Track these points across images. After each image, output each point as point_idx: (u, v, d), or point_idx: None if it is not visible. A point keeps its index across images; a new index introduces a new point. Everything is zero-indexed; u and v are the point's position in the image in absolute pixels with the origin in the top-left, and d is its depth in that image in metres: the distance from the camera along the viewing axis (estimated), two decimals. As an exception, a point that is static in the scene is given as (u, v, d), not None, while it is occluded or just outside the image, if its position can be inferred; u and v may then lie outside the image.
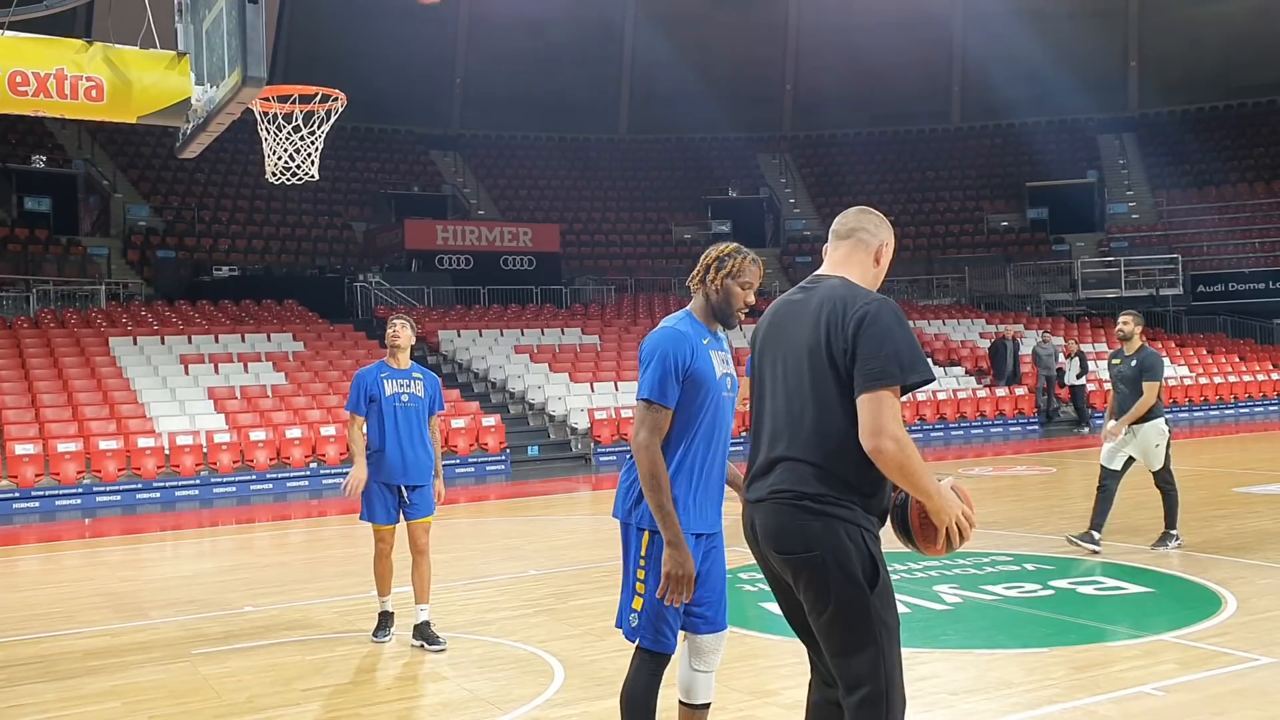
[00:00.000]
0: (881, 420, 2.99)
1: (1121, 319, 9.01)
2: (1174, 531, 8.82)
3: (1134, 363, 8.64)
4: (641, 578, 3.78)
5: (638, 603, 3.79)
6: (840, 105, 38.26)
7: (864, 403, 3.03)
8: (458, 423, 18.16)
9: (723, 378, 3.85)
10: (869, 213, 3.46)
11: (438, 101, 37.18)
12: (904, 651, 3.58)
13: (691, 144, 38.02)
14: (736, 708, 5.21)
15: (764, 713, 5.09)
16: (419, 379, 6.76)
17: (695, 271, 3.98)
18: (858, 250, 3.38)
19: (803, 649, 3.44)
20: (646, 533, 3.78)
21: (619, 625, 3.94)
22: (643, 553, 3.79)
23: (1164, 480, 8.85)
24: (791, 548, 3.14)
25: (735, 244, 4.00)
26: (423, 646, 6.49)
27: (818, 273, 3.40)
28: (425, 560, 6.62)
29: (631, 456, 3.80)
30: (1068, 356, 23.35)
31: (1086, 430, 22.29)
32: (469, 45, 37.48)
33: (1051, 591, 7.47)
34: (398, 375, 6.71)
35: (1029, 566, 8.30)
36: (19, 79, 4.93)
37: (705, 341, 3.85)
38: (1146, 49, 38.65)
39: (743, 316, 4.01)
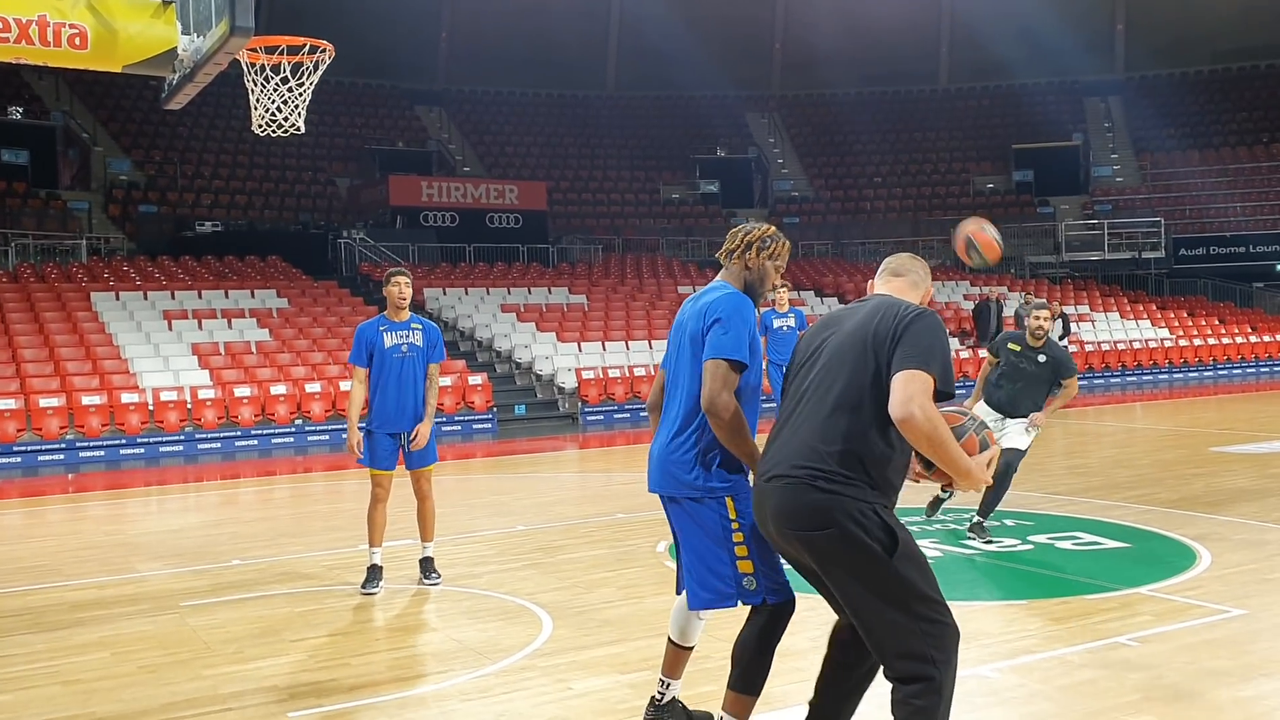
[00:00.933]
0: (912, 392, 3.16)
1: (1044, 314, 8.48)
2: (985, 523, 7.83)
3: (1042, 359, 8.26)
4: (740, 540, 3.76)
5: (747, 565, 3.75)
6: (830, 64, 38.06)
7: (899, 379, 3.20)
8: (444, 381, 18.17)
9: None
10: (920, 260, 3.79)
11: (423, 56, 36.82)
12: None
13: (680, 101, 37.81)
14: (722, 657, 5.26)
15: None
16: (418, 329, 6.99)
17: (733, 246, 4.02)
18: (910, 290, 3.67)
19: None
20: (728, 497, 3.79)
21: (712, 604, 3.87)
22: (732, 515, 3.78)
23: (1011, 467, 8.20)
24: (805, 526, 3.29)
25: (773, 227, 4.07)
26: (421, 580, 6.96)
27: (875, 293, 3.66)
28: (429, 504, 7.04)
29: (690, 424, 3.82)
30: (1052, 318, 23.36)
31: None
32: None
33: (1031, 546, 7.57)
34: (397, 328, 6.94)
35: (1009, 522, 8.40)
36: (0, 25, 4.88)
37: None
38: (1134, 12, 38.55)
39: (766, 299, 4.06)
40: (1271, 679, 4.77)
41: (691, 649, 4.12)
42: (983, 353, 23.61)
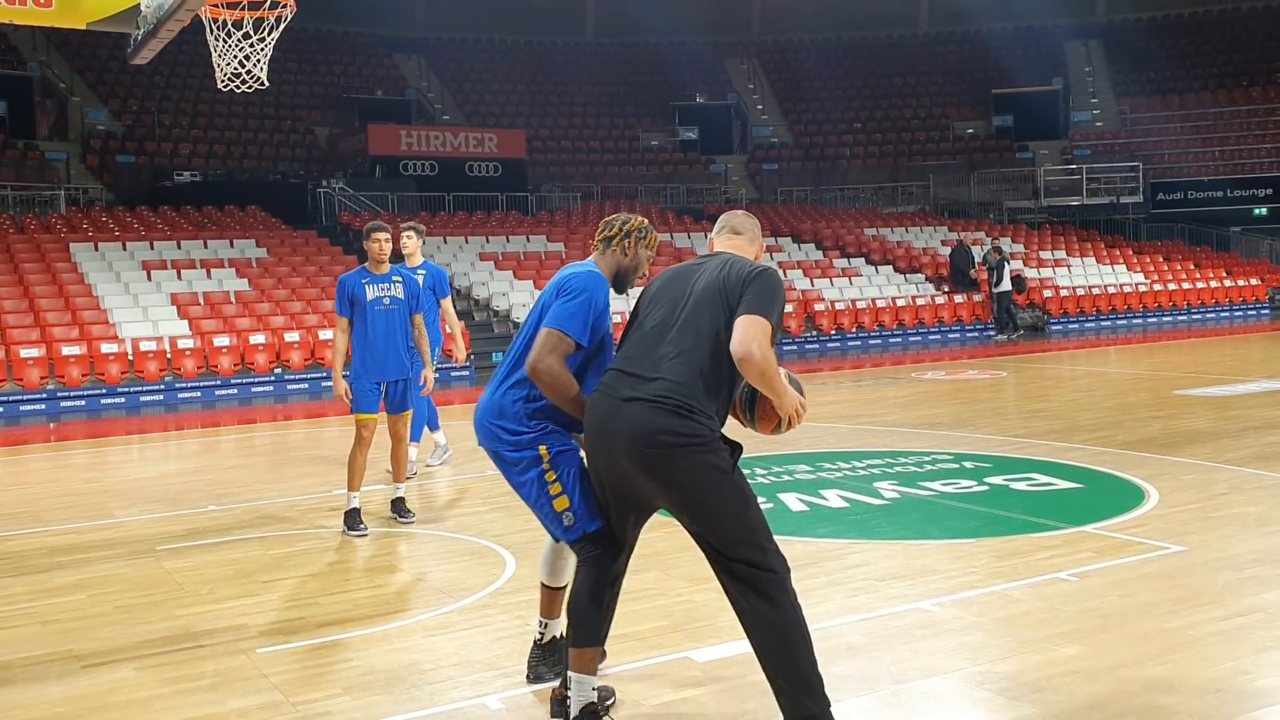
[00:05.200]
0: (753, 333, 3.55)
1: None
2: None
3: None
4: (553, 480, 3.95)
5: (563, 502, 3.94)
6: (808, 10, 37.83)
7: (742, 321, 3.59)
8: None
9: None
10: (754, 218, 4.17)
11: (401, 2, 36.45)
12: (839, 542, 5.10)
13: (659, 48, 37.57)
14: (675, 593, 5.51)
15: (701, 597, 5.39)
16: (398, 281, 7.29)
17: (611, 234, 4.20)
18: (749, 247, 4.06)
19: None
20: (543, 447, 3.97)
21: (555, 540, 4.13)
22: (546, 463, 3.96)
23: None
24: (665, 441, 3.58)
25: (647, 220, 4.29)
26: (394, 519, 7.29)
27: (718, 250, 4.02)
28: (403, 447, 7.42)
29: (507, 382, 4.03)
30: (996, 263, 23.33)
31: (1003, 338, 22.71)
32: (432, -56, 36.70)
33: (986, 488, 7.81)
34: (378, 280, 7.22)
35: (968, 464, 8.63)
36: (-36, -16, 4.96)
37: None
38: (1116, -47, 38.37)
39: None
40: (1198, 610, 5.00)
41: (564, 588, 4.26)
42: (958, 297, 23.94)
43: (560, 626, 4.33)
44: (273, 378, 17.12)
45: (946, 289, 24.65)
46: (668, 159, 34.71)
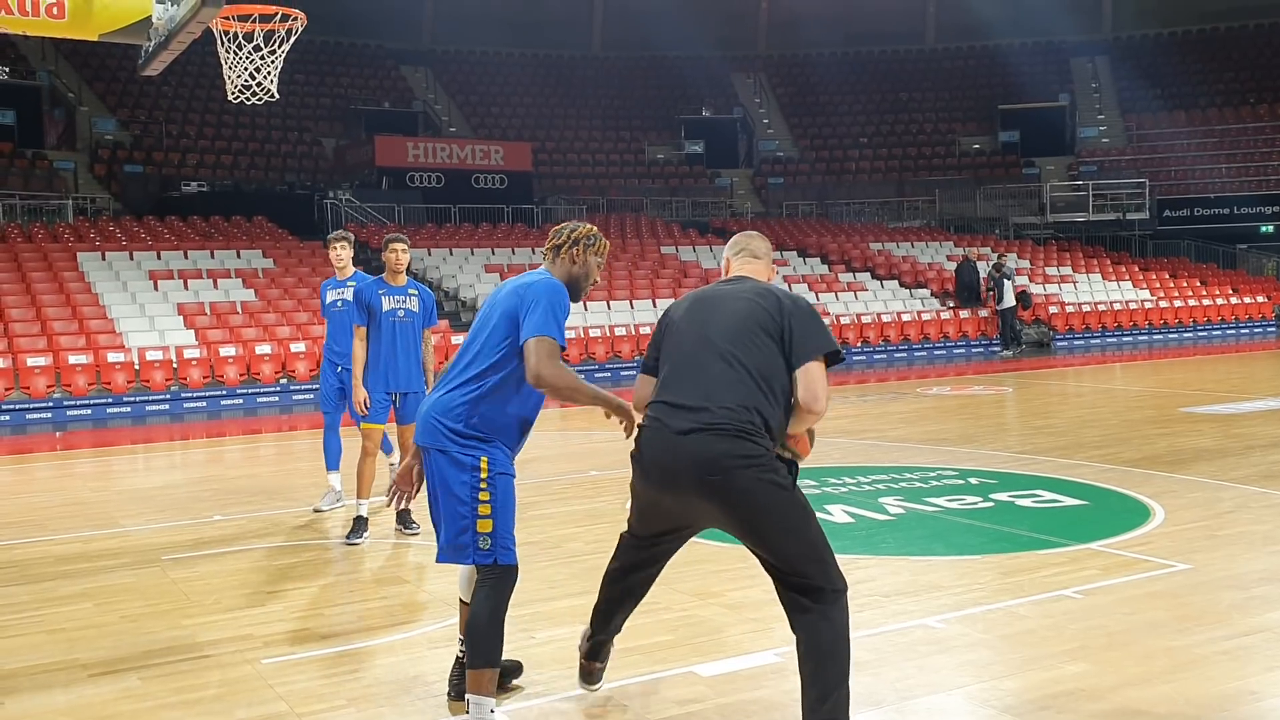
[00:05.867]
0: (823, 384, 3.77)
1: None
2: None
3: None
4: (485, 500, 3.98)
5: (487, 525, 3.97)
6: (815, 24, 37.95)
7: (810, 371, 3.75)
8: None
9: None
10: (766, 240, 4.27)
11: (409, 15, 36.60)
12: (844, 558, 4.46)
13: (665, 62, 37.71)
14: (681, 608, 5.51)
15: (706, 612, 5.39)
16: (414, 294, 7.35)
17: (560, 242, 4.22)
18: (766, 270, 4.15)
19: (744, 553, 3.95)
20: (484, 458, 4.00)
21: (455, 559, 4.08)
22: (483, 477, 3.99)
23: None
24: (726, 465, 3.60)
25: (595, 227, 4.32)
26: (400, 530, 7.31)
27: (739, 274, 4.07)
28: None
29: (468, 384, 4.03)
30: (998, 279, 23.40)
31: (1009, 354, 22.72)
32: (440, -43, 36.87)
33: (991, 504, 7.80)
34: (394, 291, 7.28)
35: (973, 480, 8.63)
36: (-22, -5, 5.00)
37: None
38: (1122, -29, 38.47)
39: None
40: (1204, 629, 4.99)
41: None
42: (964, 313, 23.94)
43: None
44: (278, 388, 17.15)
45: (952, 304, 24.65)
46: (674, 172, 34.78)
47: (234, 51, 6.04)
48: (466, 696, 3.92)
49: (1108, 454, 9.79)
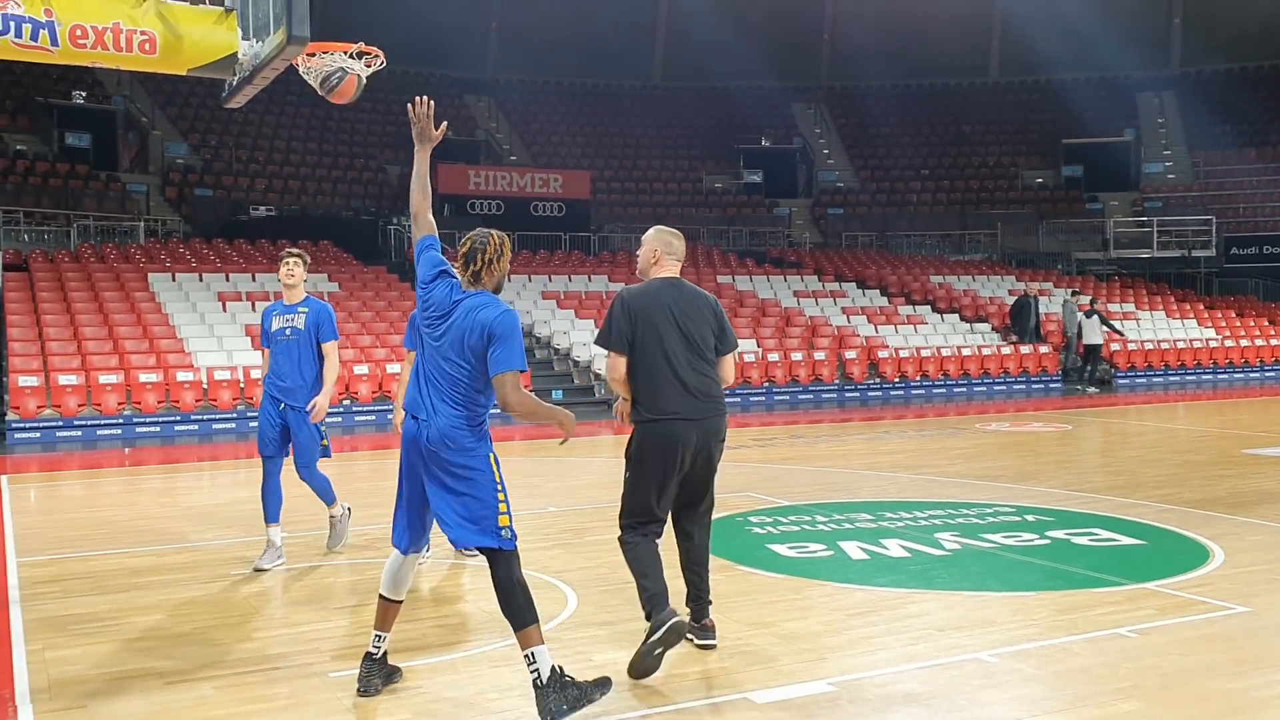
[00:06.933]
0: (733, 371, 5.47)
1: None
2: None
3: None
4: (502, 499, 4.55)
5: (505, 519, 4.54)
6: (878, 56, 38.00)
7: (730, 360, 5.40)
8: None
9: None
10: (681, 237, 5.62)
11: (473, 46, 37.22)
12: (899, 591, 6.27)
13: (725, 92, 37.92)
14: (735, 636, 5.58)
15: (761, 641, 5.46)
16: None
17: (475, 268, 4.72)
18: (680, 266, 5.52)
19: (798, 585, 5.44)
20: (490, 455, 4.60)
21: (481, 545, 4.55)
22: (497, 479, 4.56)
23: None
24: (724, 435, 5.32)
25: (497, 231, 4.87)
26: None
27: (671, 276, 5.41)
28: None
29: (464, 402, 4.57)
30: (1085, 314, 23.31)
31: (1094, 390, 22.52)
32: (506, -11, 37.49)
33: (1048, 541, 7.78)
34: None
35: (1029, 518, 8.61)
36: (79, 32, 5.28)
37: None
38: (1191, 6, 38.08)
39: None
40: (1262, 672, 4.97)
41: (402, 602, 4.84)
42: (1024, 348, 23.76)
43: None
44: (341, 409, 17.47)
45: (1013, 339, 24.49)
46: (731, 201, 34.93)
47: (315, 87, 6.30)
48: (527, 651, 4.44)
49: (1167, 494, 9.71)
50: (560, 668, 4.46)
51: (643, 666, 4.84)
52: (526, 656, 4.44)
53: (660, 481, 5.12)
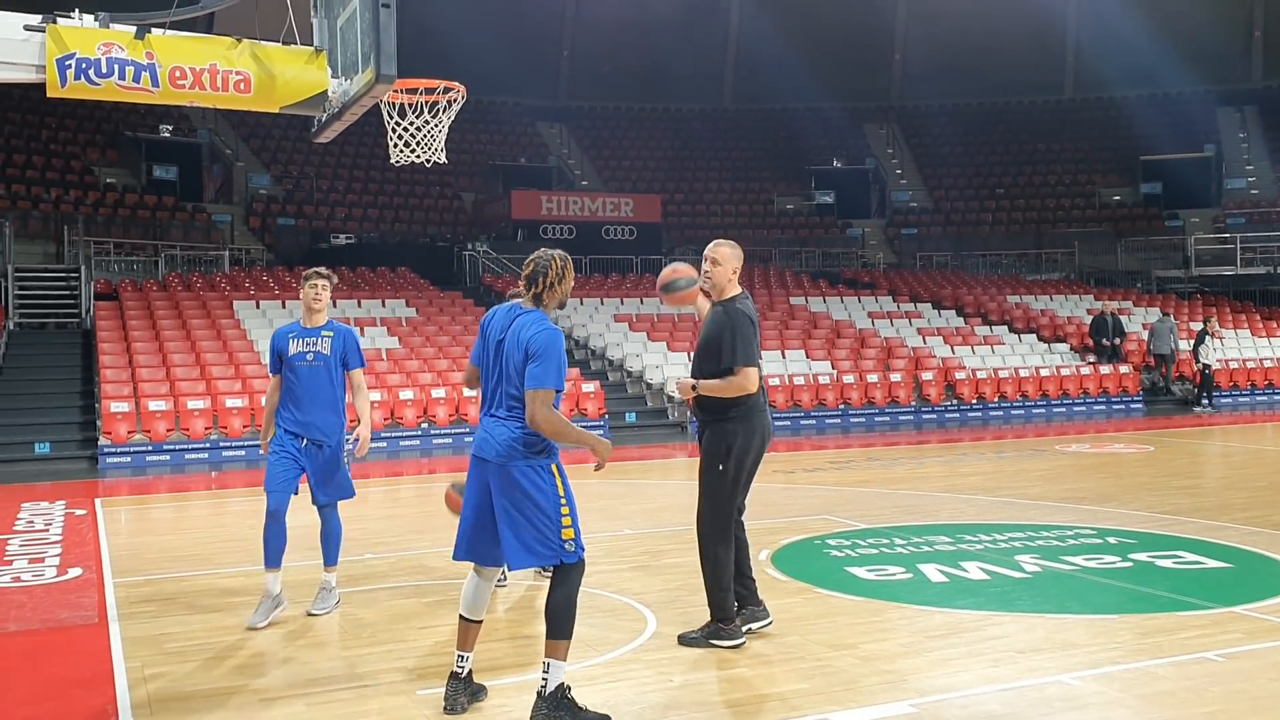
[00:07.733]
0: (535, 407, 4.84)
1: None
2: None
3: None
4: (566, 510, 4.69)
5: (569, 533, 4.67)
6: (950, 75, 37.80)
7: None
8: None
9: None
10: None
11: (545, 73, 37.74)
12: (979, 614, 6.39)
13: (795, 114, 37.93)
14: (816, 658, 5.61)
15: (841, 663, 5.48)
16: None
17: (537, 290, 4.82)
18: None
19: (877, 607, 6.27)
20: (554, 465, 4.74)
21: (532, 563, 4.70)
22: (560, 490, 4.71)
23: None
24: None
25: (559, 251, 4.99)
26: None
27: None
28: None
29: (521, 413, 4.68)
30: (1213, 336, 23.47)
31: (1211, 409, 22.48)
32: (577, 17, 37.95)
33: (1130, 564, 7.68)
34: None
35: (1111, 540, 8.50)
36: (178, 74, 5.53)
37: None
38: (1271, 20, 37.29)
39: None
40: (1355, 697, 4.89)
41: (482, 623, 4.98)
42: (1105, 368, 23.37)
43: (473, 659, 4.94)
44: (419, 432, 17.76)
45: (1092, 359, 24.11)
46: (803, 223, 34.88)
47: (397, 120, 6.50)
48: (546, 660, 4.62)
49: (1254, 516, 9.51)
50: (568, 688, 4.61)
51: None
52: (544, 664, 4.64)
53: (750, 476, 5.84)
